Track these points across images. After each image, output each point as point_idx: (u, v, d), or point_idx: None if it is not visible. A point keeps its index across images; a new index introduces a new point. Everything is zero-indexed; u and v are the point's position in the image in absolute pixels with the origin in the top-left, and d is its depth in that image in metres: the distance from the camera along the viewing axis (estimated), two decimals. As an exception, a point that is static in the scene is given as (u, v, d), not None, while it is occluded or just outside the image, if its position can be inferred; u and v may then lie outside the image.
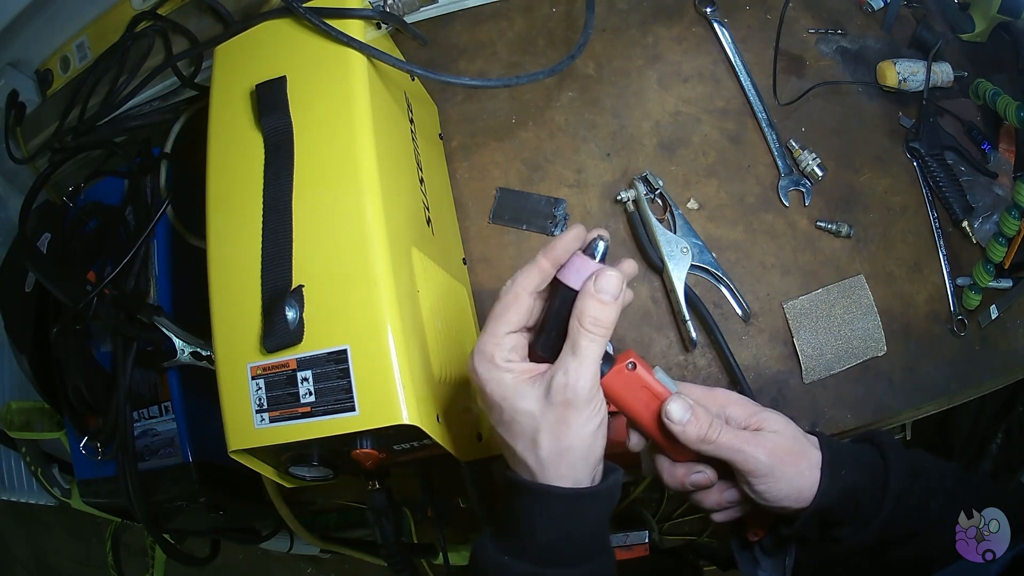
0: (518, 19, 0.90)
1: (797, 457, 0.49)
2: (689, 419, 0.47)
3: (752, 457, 0.48)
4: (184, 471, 0.78)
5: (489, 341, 0.46)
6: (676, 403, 0.48)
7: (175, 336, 0.75)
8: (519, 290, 0.47)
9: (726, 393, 0.52)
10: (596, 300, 0.45)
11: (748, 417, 0.51)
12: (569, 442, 0.45)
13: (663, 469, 0.53)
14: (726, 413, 0.51)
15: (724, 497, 0.52)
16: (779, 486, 0.49)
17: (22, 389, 1.06)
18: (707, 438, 0.48)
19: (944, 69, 0.84)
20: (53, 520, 1.98)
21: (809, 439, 0.51)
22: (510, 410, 0.45)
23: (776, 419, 0.51)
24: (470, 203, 0.85)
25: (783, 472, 0.48)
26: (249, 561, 1.83)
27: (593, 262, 0.46)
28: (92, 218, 0.86)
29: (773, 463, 0.48)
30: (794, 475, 0.49)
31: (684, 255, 0.77)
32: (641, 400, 0.49)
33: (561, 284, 0.47)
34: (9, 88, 0.96)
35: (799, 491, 0.49)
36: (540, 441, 0.45)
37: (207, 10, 0.84)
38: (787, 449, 0.49)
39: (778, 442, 0.49)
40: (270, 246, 0.58)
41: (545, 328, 0.48)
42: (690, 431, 0.48)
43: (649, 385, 0.49)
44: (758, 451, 0.48)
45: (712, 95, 0.85)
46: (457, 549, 1.10)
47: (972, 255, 0.81)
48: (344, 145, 0.59)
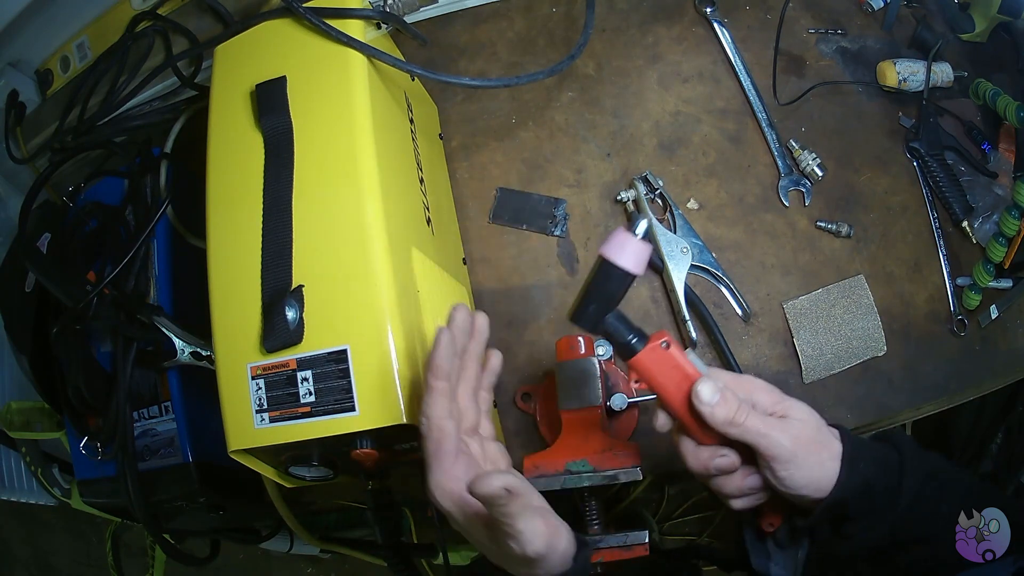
0: (518, 19, 0.90)
1: (819, 447, 0.50)
2: (718, 400, 0.48)
3: (777, 442, 0.49)
4: (184, 471, 0.78)
5: (445, 478, 0.48)
6: (706, 384, 0.49)
7: (175, 336, 0.75)
8: (439, 423, 0.48)
9: (753, 380, 0.53)
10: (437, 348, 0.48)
11: (774, 404, 0.51)
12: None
13: (688, 452, 0.53)
14: (753, 399, 0.51)
15: (746, 483, 0.53)
16: (801, 473, 0.49)
17: (22, 389, 1.06)
18: (735, 421, 0.48)
19: (944, 69, 0.84)
20: (53, 520, 1.99)
21: (831, 431, 0.52)
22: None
23: (801, 408, 0.51)
24: (470, 203, 0.85)
25: (805, 460, 0.49)
26: (249, 561, 1.83)
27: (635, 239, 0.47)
28: (92, 218, 0.86)
29: (796, 450, 0.49)
30: (815, 464, 0.49)
31: (684, 255, 0.77)
32: (672, 379, 0.50)
33: (605, 260, 0.48)
34: (9, 88, 0.96)
35: (819, 481, 0.49)
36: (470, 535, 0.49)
37: (207, 10, 0.84)
38: (810, 438, 0.50)
39: (802, 430, 0.50)
40: (270, 246, 0.58)
41: (585, 300, 0.49)
42: (718, 413, 0.48)
43: (681, 365, 0.50)
44: (783, 437, 0.49)
45: (712, 95, 0.85)
46: (457, 549, 1.10)
47: (972, 255, 0.81)
48: (344, 145, 0.59)
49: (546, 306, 0.81)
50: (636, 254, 0.47)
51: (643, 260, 0.48)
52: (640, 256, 0.47)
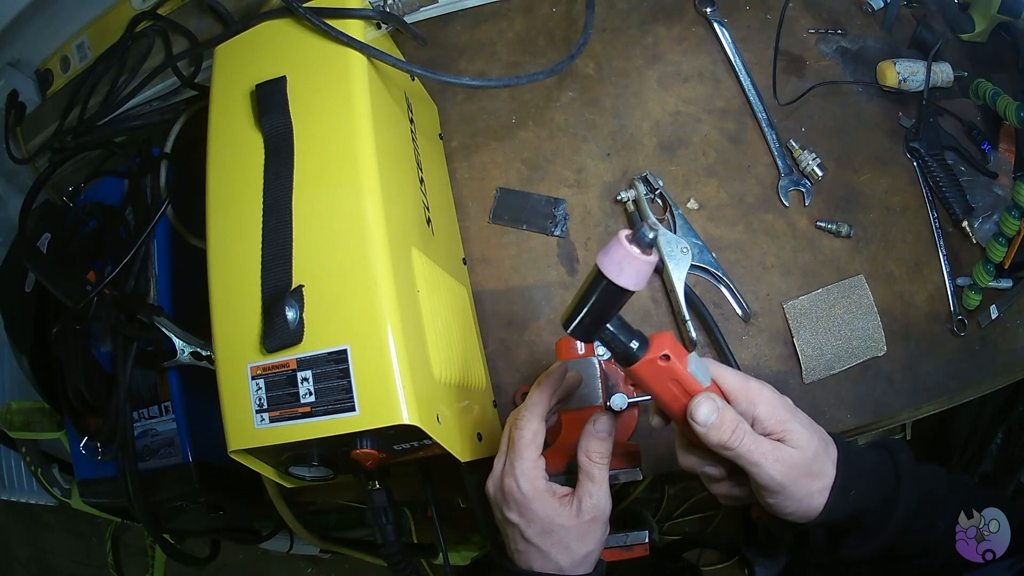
0: (518, 19, 0.90)
1: (811, 479, 0.49)
2: (713, 422, 0.48)
3: (767, 475, 0.48)
4: (184, 471, 0.78)
5: (528, 467, 0.54)
6: (704, 406, 0.48)
7: (175, 336, 0.75)
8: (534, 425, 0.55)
9: (760, 389, 0.51)
10: (596, 439, 0.54)
11: (775, 424, 0.49)
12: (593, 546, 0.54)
13: (680, 449, 0.54)
14: (754, 411, 0.50)
15: (732, 492, 0.53)
16: (788, 503, 0.49)
17: (22, 389, 1.06)
18: (727, 445, 0.48)
19: (944, 69, 0.84)
20: (53, 520, 1.99)
21: (829, 454, 0.50)
22: (549, 524, 0.53)
23: (801, 435, 0.49)
24: (470, 203, 0.85)
25: (794, 492, 0.48)
26: (249, 561, 1.84)
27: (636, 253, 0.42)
28: (92, 218, 0.85)
29: (785, 483, 0.48)
30: (804, 496, 0.49)
31: (684, 255, 0.77)
32: (670, 392, 0.49)
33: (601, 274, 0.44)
34: (9, 88, 0.96)
35: (807, 509, 0.49)
36: (573, 547, 0.54)
37: (207, 10, 0.84)
38: (803, 470, 0.48)
39: (796, 461, 0.48)
40: (270, 246, 0.58)
41: (579, 309, 0.46)
42: (712, 436, 0.48)
43: (680, 379, 0.48)
44: (773, 470, 0.48)
45: (712, 95, 0.85)
46: (457, 549, 1.10)
47: (972, 255, 0.81)
48: (344, 145, 0.58)
49: (546, 306, 0.82)
50: (638, 272, 0.43)
51: (645, 276, 0.43)
52: (642, 273, 0.43)
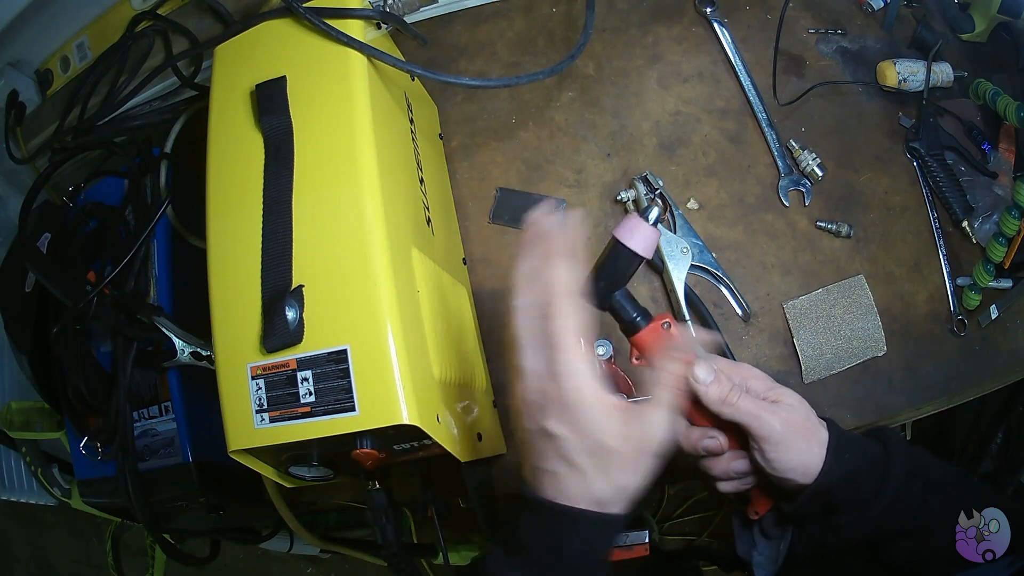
0: (518, 19, 0.90)
1: (808, 433, 0.52)
2: (713, 380, 0.51)
3: (768, 423, 0.50)
4: (184, 471, 0.78)
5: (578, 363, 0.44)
6: (703, 365, 0.51)
7: (175, 336, 0.75)
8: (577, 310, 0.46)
9: (748, 367, 0.55)
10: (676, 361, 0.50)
11: (766, 390, 0.54)
12: (638, 481, 0.46)
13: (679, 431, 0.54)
14: (747, 385, 0.53)
15: (732, 467, 0.54)
16: (789, 456, 0.51)
17: (22, 389, 1.06)
18: (728, 400, 0.51)
19: (944, 69, 0.84)
20: (53, 520, 1.99)
21: (820, 421, 0.53)
22: (598, 438, 0.45)
23: (792, 395, 0.53)
24: (470, 203, 0.85)
25: (794, 443, 0.51)
26: (249, 561, 1.84)
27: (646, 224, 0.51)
28: (92, 218, 0.85)
29: (786, 433, 0.50)
30: (803, 449, 0.51)
31: (684, 255, 0.77)
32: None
33: (616, 241, 0.51)
34: (9, 88, 0.96)
35: (806, 466, 0.51)
36: (614, 474, 0.45)
37: (207, 10, 0.84)
38: (800, 424, 0.52)
39: (793, 415, 0.52)
40: (270, 246, 0.58)
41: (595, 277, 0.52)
42: (712, 392, 0.51)
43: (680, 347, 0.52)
44: (774, 419, 0.50)
45: (712, 95, 0.85)
46: (457, 549, 1.10)
47: (972, 255, 0.81)
48: (344, 145, 0.58)
49: (546, 306, 0.81)
50: (646, 239, 0.51)
51: (652, 245, 0.52)
52: (650, 240, 0.51)
